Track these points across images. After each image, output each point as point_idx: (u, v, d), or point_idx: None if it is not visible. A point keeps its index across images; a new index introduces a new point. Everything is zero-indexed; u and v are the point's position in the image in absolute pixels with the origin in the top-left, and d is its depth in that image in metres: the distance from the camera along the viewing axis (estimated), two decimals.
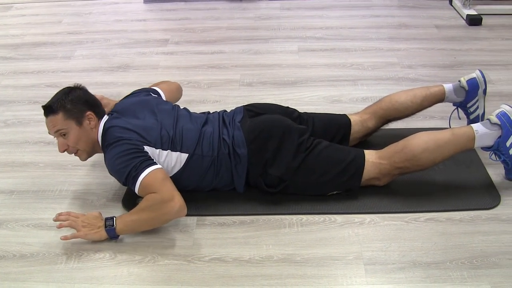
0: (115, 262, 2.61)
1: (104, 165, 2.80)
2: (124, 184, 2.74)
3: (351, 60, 4.47)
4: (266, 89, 4.09)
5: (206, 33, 5.19)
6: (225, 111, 3.11)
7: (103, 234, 2.65)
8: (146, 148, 2.73)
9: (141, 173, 2.60)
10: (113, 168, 2.74)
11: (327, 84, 4.11)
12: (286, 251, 2.62)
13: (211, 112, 3.12)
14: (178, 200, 2.56)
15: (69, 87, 2.89)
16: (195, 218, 2.84)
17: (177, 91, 3.43)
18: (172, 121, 2.88)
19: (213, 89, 3.56)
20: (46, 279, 2.54)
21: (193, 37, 5.12)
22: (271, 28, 5.21)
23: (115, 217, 2.66)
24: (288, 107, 3.15)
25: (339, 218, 2.79)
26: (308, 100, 3.90)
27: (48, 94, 2.91)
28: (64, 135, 2.82)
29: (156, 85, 3.33)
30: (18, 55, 4.94)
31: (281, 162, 2.80)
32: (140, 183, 2.60)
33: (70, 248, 2.70)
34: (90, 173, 3.23)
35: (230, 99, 3.81)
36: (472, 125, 2.81)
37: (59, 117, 2.78)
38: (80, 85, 2.93)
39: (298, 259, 2.56)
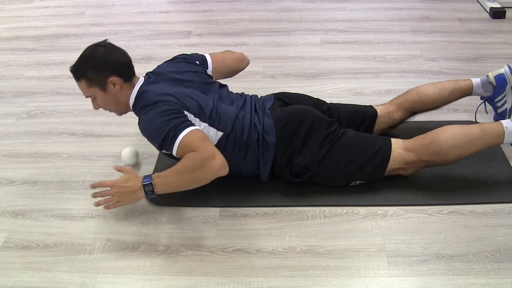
0: (138, 252, 2.62)
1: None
2: (159, 146, 2.69)
3: (374, 52, 4.45)
4: (289, 81, 4.09)
5: (229, 25, 5.19)
6: (256, 96, 3.09)
7: (141, 196, 2.57)
8: (186, 112, 2.69)
9: (180, 133, 2.55)
10: (150, 128, 2.69)
11: (349, 77, 4.10)
12: (309, 242, 2.62)
13: (245, 94, 3.10)
14: (219, 158, 2.52)
15: (93, 45, 2.82)
16: (218, 209, 2.85)
17: (234, 61, 3.31)
18: (211, 97, 2.86)
19: (236, 81, 3.55)
20: (70, 268, 2.56)
21: (216, 29, 5.12)
22: (294, 20, 5.20)
23: (152, 179, 2.54)
24: (318, 98, 3.15)
25: (362, 210, 2.79)
26: (331, 92, 3.89)
27: (71, 86, 2.94)
28: (94, 98, 2.85)
29: (215, 53, 3.25)
30: (41, 46, 4.96)
31: (307, 152, 2.80)
32: (179, 143, 2.55)
33: (93, 238, 2.72)
34: (113, 164, 3.23)
35: (253, 91, 3.80)
36: (502, 121, 2.78)
37: (83, 85, 2.80)
38: (106, 42, 2.85)
39: (320, 251, 2.56)
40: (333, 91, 3.91)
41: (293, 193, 2.91)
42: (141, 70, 2.96)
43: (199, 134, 2.59)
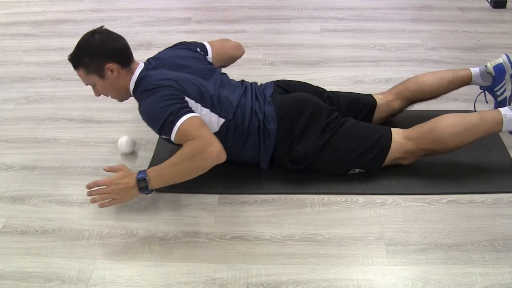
0: (137, 238, 2.62)
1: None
2: (159, 131, 2.69)
3: (374, 41, 4.45)
4: (289, 69, 4.08)
5: (229, 12, 5.18)
6: (256, 83, 3.09)
7: (137, 193, 2.59)
8: (187, 98, 2.69)
9: (178, 119, 2.55)
10: (150, 113, 2.69)
11: (349, 65, 4.10)
12: (307, 230, 2.62)
13: (245, 81, 3.09)
14: (217, 145, 2.51)
15: (89, 32, 2.80)
16: (216, 196, 2.85)
17: (232, 48, 3.32)
18: (212, 83, 2.85)
19: (236, 68, 3.55)
20: (68, 254, 2.56)
21: (216, 16, 5.10)
22: (294, 8, 5.19)
23: (146, 174, 2.56)
24: (318, 86, 3.15)
25: (360, 198, 2.79)
26: (330, 80, 3.89)
27: (71, 72, 2.91)
28: (94, 85, 2.85)
29: (212, 41, 3.26)
30: (41, 32, 4.94)
31: (307, 140, 2.80)
32: (178, 129, 2.55)
33: (92, 224, 2.72)
34: (112, 150, 3.23)
35: (252, 78, 3.78)
36: (500, 109, 2.78)
37: (81, 73, 2.81)
38: (102, 28, 2.84)
39: (319, 239, 2.57)
40: (332, 79, 3.90)
41: (292, 180, 2.91)
42: (140, 57, 2.95)
43: (197, 121, 2.59)
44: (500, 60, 3.16)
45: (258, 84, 3.09)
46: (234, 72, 3.27)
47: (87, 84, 2.87)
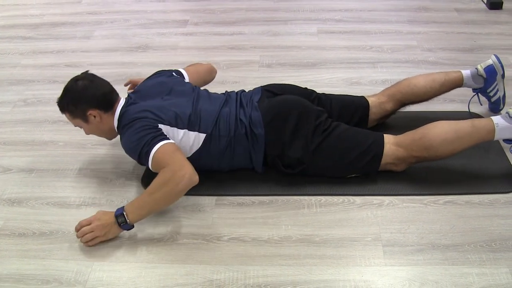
0: (134, 240, 2.62)
1: None
2: (139, 162, 2.74)
3: (371, 42, 4.45)
4: (285, 71, 4.08)
5: (226, 14, 5.18)
6: (243, 91, 3.10)
7: (118, 230, 2.60)
8: (161, 126, 2.73)
9: (152, 148, 2.60)
10: (127, 146, 2.76)
11: (346, 66, 4.10)
12: (304, 231, 2.62)
13: (229, 91, 3.11)
14: (188, 168, 2.53)
15: (73, 79, 2.88)
16: (214, 198, 2.86)
17: (206, 72, 3.39)
18: (190, 101, 2.88)
19: (232, 70, 3.56)
20: (66, 256, 2.56)
21: (213, 18, 5.11)
22: (291, 9, 5.19)
23: (124, 210, 2.55)
24: (306, 88, 3.16)
25: (358, 199, 2.79)
26: (327, 82, 3.89)
27: (67, 74, 2.94)
28: (81, 127, 2.94)
29: (187, 67, 3.33)
30: (38, 35, 4.95)
31: (299, 143, 2.80)
32: (152, 158, 2.60)
33: None
34: (110, 152, 3.24)
35: (249, 80, 3.81)
36: (492, 117, 2.78)
37: (67, 117, 2.92)
38: (86, 74, 2.92)
39: (316, 240, 2.57)
40: (329, 81, 3.91)
41: (289, 182, 2.91)
42: (137, 59, 2.96)
43: (170, 147, 2.63)
44: (490, 61, 3.18)
45: (246, 91, 3.11)
46: (231, 74, 3.29)
47: (75, 126, 2.95)
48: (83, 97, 2.82)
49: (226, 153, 2.85)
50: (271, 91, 3.04)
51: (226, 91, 3.11)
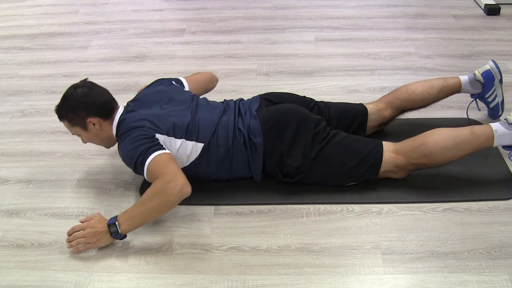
0: (133, 250, 2.62)
1: None
2: (135, 171, 2.74)
3: (368, 50, 4.45)
4: (283, 79, 4.08)
5: (223, 22, 5.18)
6: (242, 99, 3.10)
7: (110, 239, 2.60)
8: (158, 135, 2.73)
9: (147, 158, 2.60)
10: (124, 155, 2.76)
11: (344, 74, 4.10)
12: (303, 240, 2.62)
13: (227, 100, 3.11)
14: (180, 179, 2.51)
15: (73, 86, 2.87)
16: (212, 207, 2.85)
17: (207, 81, 3.38)
18: (188, 110, 2.87)
19: (230, 79, 3.56)
20: (64, 267, 2.55)
21: (210, 26, 5.11)
22: (288, 17, 5.20)
23: (117, 220, 2.57)
24: (305, 96, 3.15)
25: (356, 207, 2.79)
26: (325, 90, 3.89)
27: (65, 84, 2.93)
28: (80, 135, 2.92)
29: (187, 76, 3.32)
30: (35, 45, 4.95)
31: (298, 152, 2.80)
32: (147, 168, 2.59)
33: None
34: (108, 163, 3.24)
35: (247, 89, 3.81)
36: (491, 124, 2.78)
37: (66, 124, 2.89)
38: (85, 82, 2.90)
39: (315, 249, 2.56)
40: (327, 89, 3.90)
41: (288, 191, 2.90)
42: (135, 69, 2.95)
43: (164, 157, 2.62)
44: (487, 66, 3.18)
45: (245, 99, 3.10)
46: (228, 83, 3.29)
47: (73, 134, 2.94)
48: (83, 105, 2.81)
49: (224, 162, 2.84)
50: (269, 100, 3.04)
51: (224, 100, 3.10)
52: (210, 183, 2.85)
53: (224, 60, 4.42)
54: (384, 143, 2.85)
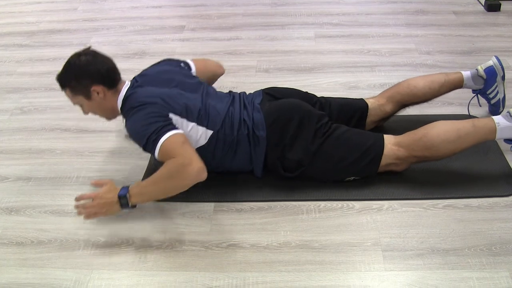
0: (133, 248, 2.61)
1: (121, 151, 2.79)
2: (144, 148, 2.68)
3: (368, 46, 4.44)
4: (283, 76, 4.07)
5: (222, 19, 5.18)
6: (244, 93, 3.09)
7: (119, 209, 2.59)
8: (171, 115, 2.70)
9: (161, 137, 2.56)
10: (134, 131, 2.70)
11: (344, 70, 4.09)
12: (304, 237, 2.61)
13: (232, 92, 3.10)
14: (196, 163, 2.50)
15: (76, 54, 2.82)
16: (212, 204, 2.85)
17: (215, 67, 3.34)
18: (198, 95, 2.86)
19: (230, 76, 3.55)
20: (64, 265, 2.55)
21: (209, 23, 5.10)
22: (288, 14, 5.19)
23: (128, 192, 2.56)
24: (307, 92, 3.14)
25: (357, 204, 2.79)
26: (325, 86, 3.88)
27: None
28: (81, 105, 2.88)
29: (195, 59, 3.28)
30: (34, 42, 4.94)
31: (299, 146, 2.80)
32: (160, 147, 2.56)
33: (87, 234, 2.72)
34: (107, 160, 3.23)
35: (246, 86, 3.80)
36: (493, 117, 2.77)
37: (68, 93, 2.84)
38: (89, 49, 2.86)
39: (316, 245, 2.56)
40: (327, 85, 3.90)
41: (288, 187, 2.90)
42: (134, 66, 2.94)
43: (179, 138, 2.60)
44: (490, 62, 3.17)
45: (247, 93, 3.09)
46: (228, 80, 3.28)
47: (74, 104, 2.89)
48: (88, 72, 2.77)
49: (228, 152, 2.84)
50: (272, 95, 3.04)
51: (230, 91, 3.10)
52: (211, 180, 2.84)
53: (224, 57, 4.40)
54: (385, 136, 2.84)
